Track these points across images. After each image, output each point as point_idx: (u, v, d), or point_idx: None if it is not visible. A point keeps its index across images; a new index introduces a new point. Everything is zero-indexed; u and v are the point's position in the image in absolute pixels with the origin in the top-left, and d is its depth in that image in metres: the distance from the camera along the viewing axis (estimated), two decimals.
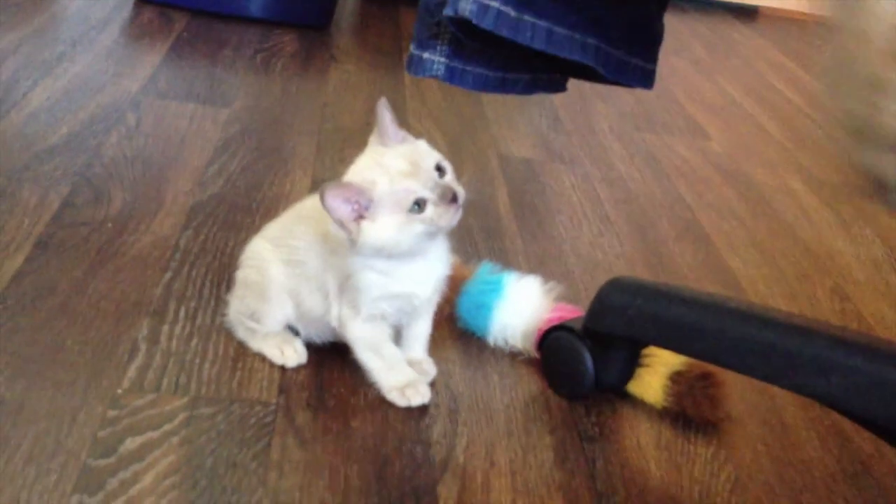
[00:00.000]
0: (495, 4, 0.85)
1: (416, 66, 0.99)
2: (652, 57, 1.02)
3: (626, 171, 1.80)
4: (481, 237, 1.44)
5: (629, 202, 1.67)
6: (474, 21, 0.87)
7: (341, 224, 0.93)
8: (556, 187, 1.68)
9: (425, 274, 1.01)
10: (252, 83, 1.94)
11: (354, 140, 1.74)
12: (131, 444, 0.91)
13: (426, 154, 0.96)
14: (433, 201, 0.93)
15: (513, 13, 0.86)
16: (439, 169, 0.95)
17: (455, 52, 0.97)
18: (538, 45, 0.89)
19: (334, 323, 1.03)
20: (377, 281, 0.98)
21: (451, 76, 0.99)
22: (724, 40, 3.08)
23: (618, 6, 0.93)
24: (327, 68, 2.12)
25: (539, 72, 1.02)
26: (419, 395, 1.02)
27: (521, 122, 2.00)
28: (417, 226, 0.94)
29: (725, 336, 0.94)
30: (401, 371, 1.03)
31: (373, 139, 0.99)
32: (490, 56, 0.98)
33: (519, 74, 1.02)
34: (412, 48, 0.99)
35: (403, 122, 1.87)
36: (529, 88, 1.04)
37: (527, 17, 0.87)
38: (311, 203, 1.05)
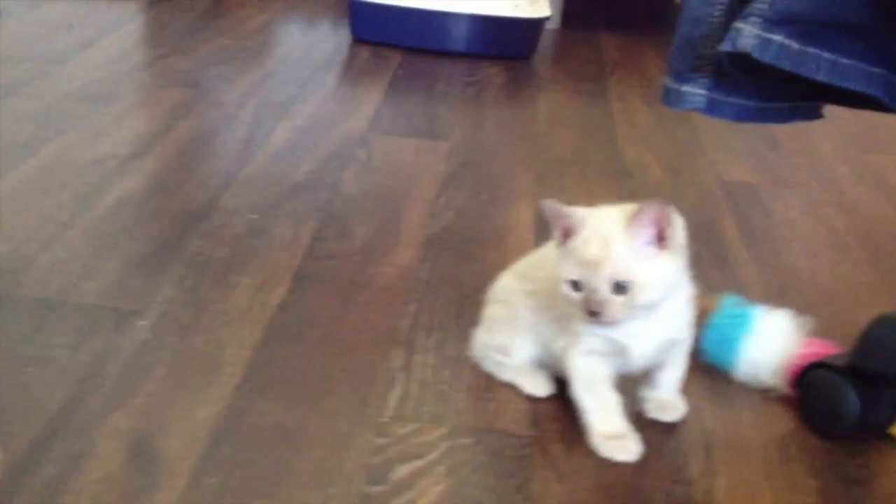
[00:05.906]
0: (778, 38, 0.84)
1: (674, 99, 0.98)
2: None
3: (858, 195, 1.72)
4: (712, 265, 1.41)
5: (866, 228, 1.58)
6: (755, 55, 0.85)
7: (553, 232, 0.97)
8: (784, 213, 1.62)
9: (642, 332, 0.98)
10: (466, 115, 2.00)
11: (571, 170, 1.76)
12: (401, 471, 0.95)
13: (619, 265, 0.91)
14: (581, 298, 0.93)
15: (796, 46, 0.84)
16: (620, 287, 0.91)
17: (717, 84, 0.97)
18: (822, 77, 0.86)
19: (559, 353, 1.03)
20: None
21: (712, 108, 0.98)
22: None
23: None
24: (535, 97, 2.15)
25: (801, 100, 0.99)
26: (623, 452, 0.98)
27: (737, 145, 1.94)
28: (563, 287, 0.95)
29: None
30: (613, 419, 1.00)
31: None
32: (752, 87, 0.97)
33: (779, 104, 0.99)
34: (668, 81, 0.99)
35: (615, 148, 1.87)
36: (787, 117, 1.02)
37: (811, 50, 0.85)
38: None
